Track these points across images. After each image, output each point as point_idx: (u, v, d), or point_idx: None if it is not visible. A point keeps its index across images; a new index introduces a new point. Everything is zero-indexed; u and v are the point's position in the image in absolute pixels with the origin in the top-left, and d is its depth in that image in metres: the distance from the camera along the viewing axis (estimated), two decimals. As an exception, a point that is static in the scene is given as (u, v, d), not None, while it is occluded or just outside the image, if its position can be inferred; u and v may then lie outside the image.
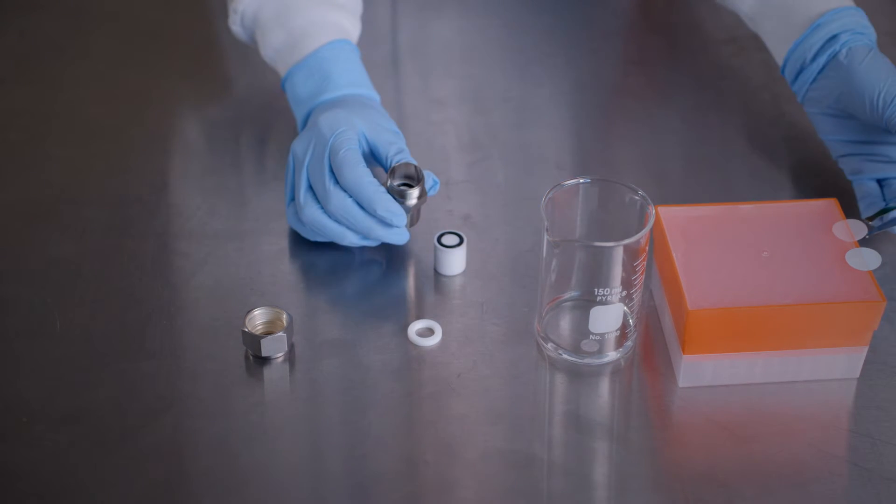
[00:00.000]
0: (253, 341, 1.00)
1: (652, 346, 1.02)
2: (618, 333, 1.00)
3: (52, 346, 1.01)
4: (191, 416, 0.97)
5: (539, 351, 1.02)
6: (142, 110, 1.26)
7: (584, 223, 1.02)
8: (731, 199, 1.13)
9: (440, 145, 1.22)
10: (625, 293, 0.98)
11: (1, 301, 1.05)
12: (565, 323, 1.03)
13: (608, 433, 0.96)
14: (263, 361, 1.00)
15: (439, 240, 1.08)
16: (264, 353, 1.00)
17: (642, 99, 1.29)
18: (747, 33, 1.32)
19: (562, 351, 1.01)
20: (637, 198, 0.99)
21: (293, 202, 1.09)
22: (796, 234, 1.01)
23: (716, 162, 1.21)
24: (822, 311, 0.95)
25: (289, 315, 1.01)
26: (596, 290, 0.97)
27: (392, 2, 1.40)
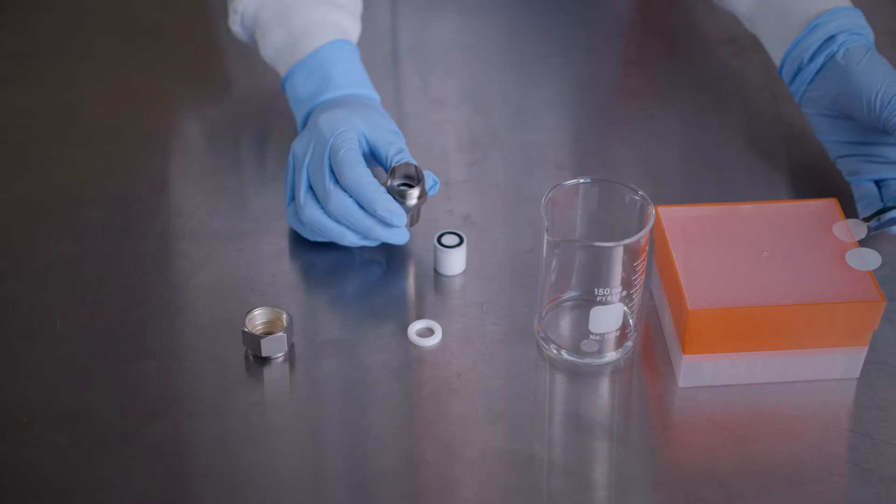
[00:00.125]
0: (253, 341, 0.99)
1: (652, 346, 1.02)
2: (618, 333, 1.00)
3: (52, 346, 1.01)
4: (191, 416, 0.97)
5: (539, 351, 1.02)
6: (142, 110, 1.26)
7: (584, 223, 1.02)
8: (731, 199, 1.13)
9: (440, 145, 1.22)
10: (625, 293, 0.98)
11: (1, 301, 1.05)
12: (565, 323, 1.03)
13: (608, 433, 0.96)
14: (263, 361, 1.00)
15: (439, 240, 1.08)
16: (264, 353, 1.00)
17: (642, 99, 1.29)
18: (746, 34, 1.32)
19: (562, 351, 1.01)
20: (637, 198, 0.99)
21: (293, 202, 1.09)
22: (796, 234, 1.01)
23: (715, 162, 1.21)
24: (822, 311, 0.96)
25: (289, 315, 1.01)
26: (596, 290, 0.97)
27: (392, 2, 1.40)
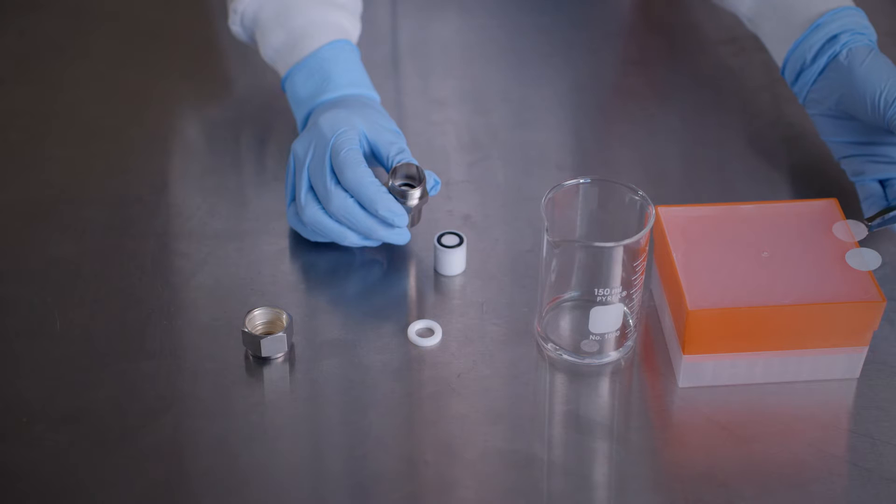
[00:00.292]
0: (253, 341, 0.99)
1: (652, 346, 1.02)
2: (618, 333, 1.00)
3: (52, 346, 1.01)
4: (191, 416, 0.97)
5: (539, 351, 1.02)
6: (142, 110, 1.26)
7: (584, 223, 1.02)
8: (731, 200, 1.13)
9: (440, 145, 1.22)
10: (625, 293, 0.98)
11: (1, 301, 1.05)
12: (565, 323, 1.03)
13: (608, 433, 0.96)
14: (263, 361, 1.00)
15: (439, 240, 1.08)
16: (264, 354, 1.00)
17: (642, 99, 1.29)
18: (747, 34, 1.32)
19: (562, 351, 1.01)
20: (637, 198, 0.99)
21: (293, 202, 1.09)
22: (796, 234, 1.01)
23: (715, 162, 1.21)
24: (822, 311, 0.95)
25: (289, 315, 1.01)
26: (596, 290, 0.97)
27: (392, 2, 1.40)
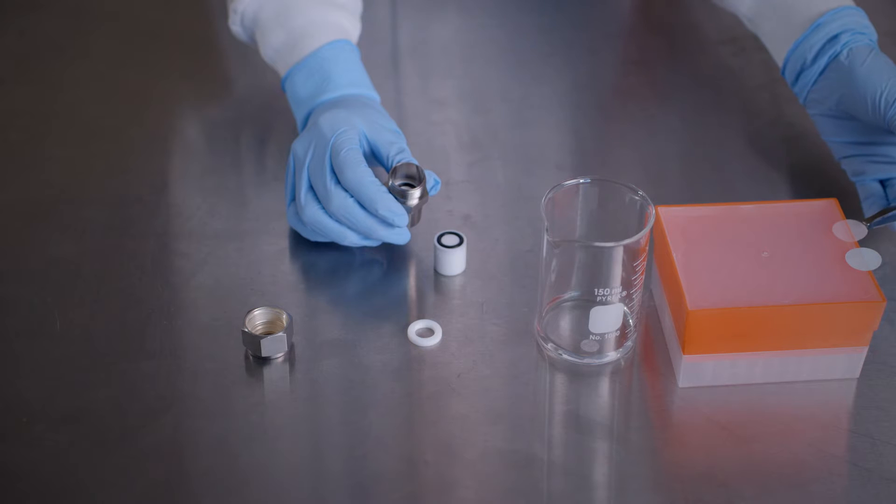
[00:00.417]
0: (253, 341, 0.99)
1: (652, 346, 1.02)
2: (618, 333, 1.00)
3: (52, 346, 1.01)
4: (191, 416, 0.97)
5: (539, 351, 1.02)
6: (142, 110, 1.26)
7: (584, 223, 1.02)
8: (731, 199, 1.13)
9: (440, 145, 1.22)
10: (625, 293, 0.98)
11: (1, 301, 1.05)
12: (565, 323, 1.03)
13: (608, 433, 0.96)
14: (263, 361, 1.00)
15: (439, 240, 1.08)
16: (264, 354, 1.00)
17: (642, 99, 1.29)
18: (747, 33, 1.32)
19: (562, 351, 1.01)
20: (637, 198, 0.99)
21: (293, 202, 1.09)
22: (796, 234, 1.01)
23: (716, 162, 1.21)
24: (822, 311, 0.95)
25: (289, 315, 1.01)
26: (596, 290, 0.97)
27: (392, 2, 1.40)
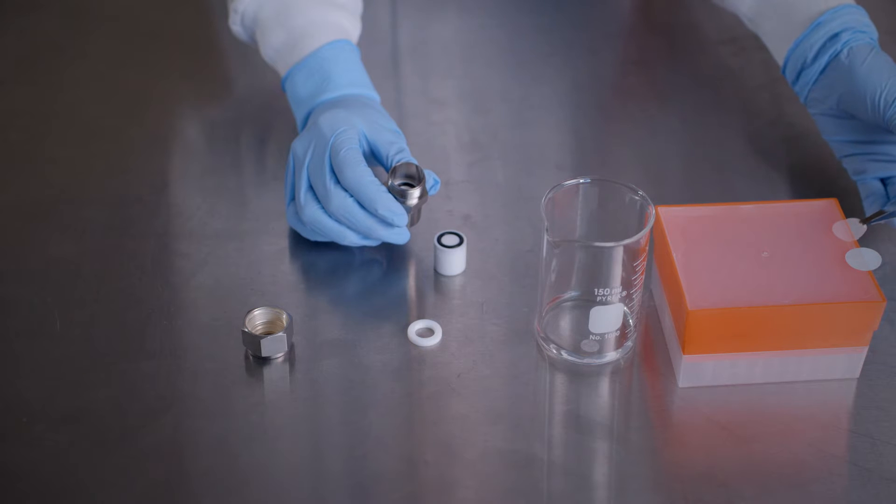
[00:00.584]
0: (253, 341, 0.99)
1: (652, 346, 1.02)
2: (618, 333, 1.00)
3: (52, 346, 1.01)
4: (191, 416, 0.97)
5: (539, 351, 1.02)
6: (142, 110, 1.26)
7: (584, 223, 1.02)
8: (731, 199, 1.13)
9: (440, 145, 1.22)
10: (625, 293, 0.98)
11: (1, 301, 1.05)
12: (565, 323, 1.03)
13: (608, 433, 0.96)
14: (263, 361, 1.00)
15: (439, 240, 1.08)
16: (264, 353, 1.00)
17: (642, 99, 1.29)
18: (747, 33, 1.32)
19: (562, 351, 1.01)
20: (637, 198, 0.99)
21: (293, 202, 1.09)
22: (796, 234, 1.01)
23: (716, 162, 1.21)
24: (822, 311, 0.95)
25: (289, 315, 1.01)
26: (596, 290, 0.97)
27: (392, 2, 1.40)
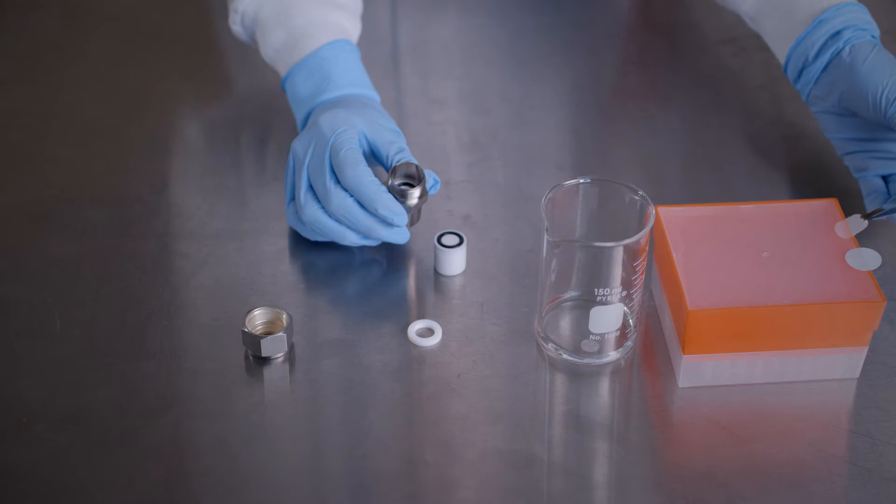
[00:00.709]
0: (253, 341, 0.99)
1: (652, 346, 1.02)
2: (618, 333, 1.00)
3: (52, 346, 1.01)
4: (191, 416, 0.97)
5: (539, 351, 1.02)
6: (142, 110, 1.26)
7: (584, 223, 1.02)
8: (731, 199, 1.13)
9: (440, 145, 1.22)
10: (625, 293, 0.98)
11: (1, 301, 1.05)
12: (565, 323, 1.03)
13: (608, 433, 0.96)
14: (263, 361, 1.00)
15: (439, 240, 1.08)
16: (264, 353, 1.00)
17: (642, 99, 1.29)
18: (747, 33, 1.32)
19: (562, 351, 1.01)
20: (637, 198, 0.99)
21: (293, 202, 1.09)
22: (796, 234, 1.01)
23: (716, 162, 1.21)
24: (822, 311, 0.95)
25: (289, 315, 1.01)
26: (596, 290, 0.97)
27: (392, 2, 1.40)
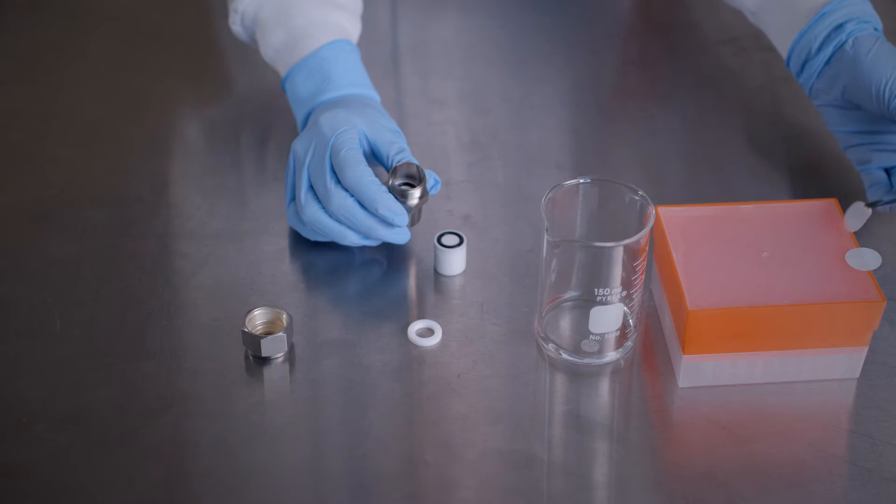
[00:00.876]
0: (253, 341, 0.99)
1: (652, 346, 1.02)
2: (618, 333, 1.00)
3: (52, 346, 1.01)
4: (191, 416, 0.97)
5: (539, 351, 1.02)
6: (142, 110, 1.26)
7: (584, 223, 1.02)
8: (731, 199, 1.13)
9: (440, 145, 1.22)
10: (625, 293, 0.97)
11: (1, 301, 1.05)
12: (565, 323, 1.03)
13: (608, 433, 0.96)
14: (263, 361, 1.00)
15: (439, 240, 1.08)
16: (264, 353, 1.00)
17: (642, 99, 1.29)
18: (747, 33, 1.32)
19: (562, 351, 1.01)
20: (637, 198, 0.99)
21: (293, 202, 1.09)
22: (796, 234, 1.01)
23: (716, 162, 1.21)
24: (822, 311, 0.95)
25: (289, 315, 1.01)
26: (596, 290, 0.97)
27: (392, 2, 1.40)
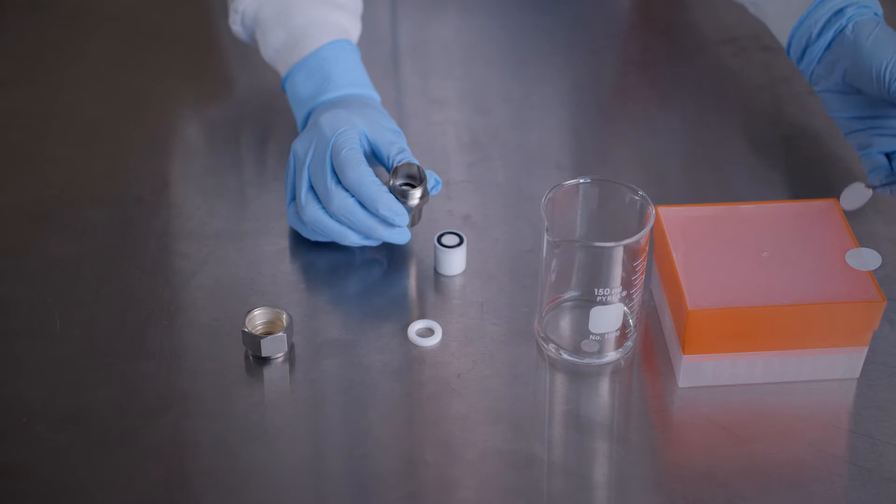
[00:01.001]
0: (253, 341, 0.99)
1: (652, 346, 1.02)
2: (618, 333, 1.00)
3: (52, 346, 1.01)
4: (191, 416, 0.97)
5: (539, 351, 1.02)
6: (142, 110, 1.26)
7: (584, 223, 1.02)
8: (731, 199, 1.13)
9: (440, 145, 1.22)
10: (625, 293, 0.98)
11: (1, 301, 1.05)
12: (565, 323, 1.03)
13: (608, 433, 0.96)
14: (263, 361, 1.00)
15: (439, 240, 1.08)
16: (264, 353, 1.00)
17: (642, 99, 1.29)
18: (747, 33, 1.32)
19: (562, 351, 1.01)
20: (637, 198, 0.99)
21: (294, 202, 1.09)
22: (796, 234, 1.01)
23: (716, 162, 1.21)
24: (822, 311, 0.95)
25: (289, 315, 1.01)
26: (596, 290, 0.97)
27: (392, 2, 1.40)
